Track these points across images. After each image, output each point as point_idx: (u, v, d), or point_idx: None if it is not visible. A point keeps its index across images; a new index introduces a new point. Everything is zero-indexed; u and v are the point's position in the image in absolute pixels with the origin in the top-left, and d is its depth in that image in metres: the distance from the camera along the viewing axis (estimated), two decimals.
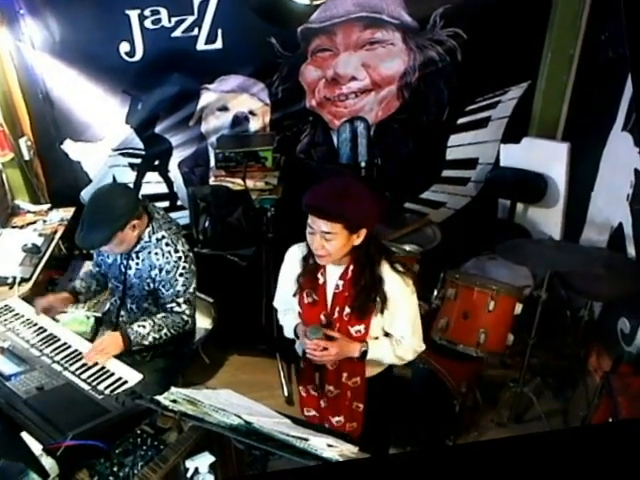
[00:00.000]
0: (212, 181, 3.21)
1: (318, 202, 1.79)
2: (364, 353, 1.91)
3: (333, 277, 1.93)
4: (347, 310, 1.91)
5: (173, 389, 1.54)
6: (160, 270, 2.30)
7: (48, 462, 1.56)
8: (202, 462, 1.47)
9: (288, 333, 2.10)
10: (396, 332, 1.96)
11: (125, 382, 2.04)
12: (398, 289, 1.90)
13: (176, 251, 2.31)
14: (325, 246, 1.80)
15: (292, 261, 2.03)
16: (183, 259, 2.32)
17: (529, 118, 3.28)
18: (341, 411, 2.05)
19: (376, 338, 1.96)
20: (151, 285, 2.34)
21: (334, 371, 2.00)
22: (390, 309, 1.90)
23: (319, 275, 1.95)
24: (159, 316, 2.34)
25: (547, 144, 3.21)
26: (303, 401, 2.15)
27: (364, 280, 1.87)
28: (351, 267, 1.90)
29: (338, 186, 1.79)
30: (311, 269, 1.95)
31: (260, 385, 3.05)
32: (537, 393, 2.83)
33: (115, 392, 1.96)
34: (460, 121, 3.33)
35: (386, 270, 1.89)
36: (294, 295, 2.00)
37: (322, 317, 1.95)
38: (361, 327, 1.91)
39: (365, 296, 1.88)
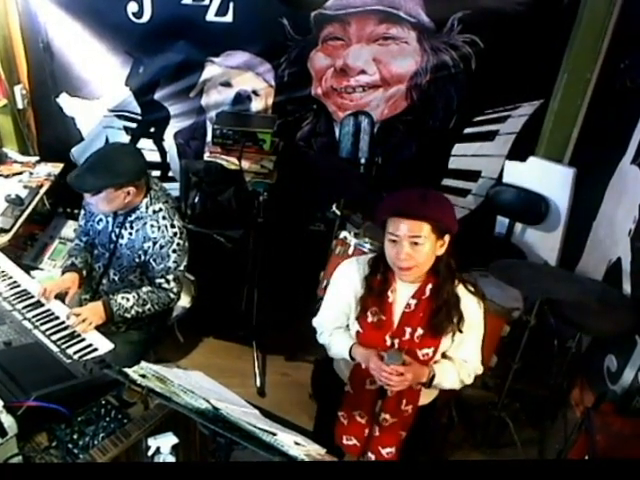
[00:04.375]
0: (207, 156, 3.17)
1: (404, 205, 1.72)
2: (432, 378, 1.82)
3: (404, 296, 1.83)
4: (420, 331, 1.81)
5: (143, 364, 1.51)
6: (154, 243, 2.27)
7: (8, 420, 1.54)
8: (165, 442, 1.45)
9: (339, 354, 1.94)
10: (462, 355, 1.88)
11: (95, 350, 2.02)
12: (473, 310, 1.83)
13: (172, 226, 2.28)
14: (413, 255, 1.71)
15: (349, 279, 1.89)
16: (178, 235, 2.29)
17: (538, 138, 3.23)
18: (393, 442, 1.96)
19: (435, 362, 1.86)
20: (142, 257, 2.31)
21: (394, 398, 1.89)
22: (463, 331, 1.82)
23: (389, 293, 1.83)
24: (144, 290, 2.31)
25: (553, 167, 3.16)
26: (343, 429, 1.99)
27: (446, 295, 1.78)
28: (429, 285, 1.81)
29: (418, 191, 1.74)
30: (380, 287, 1.83)
31: (233, 371, 3.02)
32: (514, 419, 2.76)
33: (84, 358, 1.94)
34: (467, 131, 3.29)
35: (461, 289, 1.82)
36: (357, 318, 1.87)
37: (387, 339, 1.84)
38: (430, 350, 1.82)
39: (445, 314, 1.78)
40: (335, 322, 1.97)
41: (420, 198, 1.71)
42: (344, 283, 1.92)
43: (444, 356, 1.90)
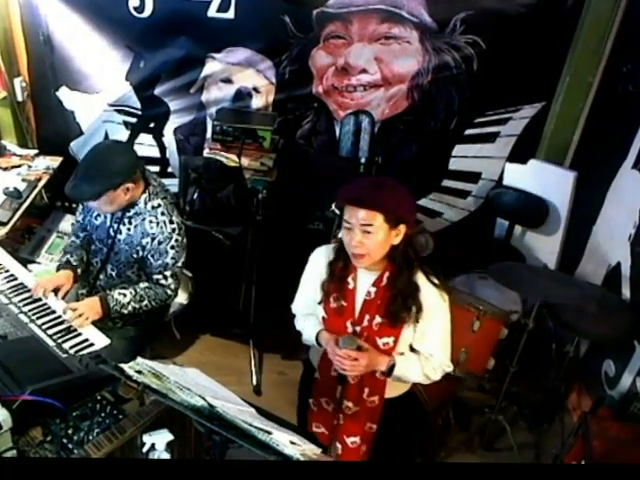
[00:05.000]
0: (206, 153, 3.16)
1: (357, 192, 1.74)
2: (391, 368, 1.82)
3: (365, 283, 1.85)
4: (378, 319, 1.82)
5: (139, 359, 1.51)
6: (152, 239, 2.26)
7: (2, 413, 1.53)
8: (160, 439, 1.45)
9: (308, 339, 1.98)
10: (425, 348, 1.87)
11: (91, 344, 2.02)
12: (434, 301, 1.82)
13: (171, 222, 2.27)
14: (365, 243, 1.72)
15: (318, 264, 1.93)
16: (177, 231, 2.28)
17: (539, 140, 3.22)
18: (357, 431, 1.95)
19: (401, 354, 1.87)
20: (140, 253, 2.30)
21: (355, 386, 1.90)
22: (423, 322, 1.82)
23: (349, 280, 1.85)
24: (142, 286, 2.30)
25: (554, 170, 3.15)
26: (312, 416, 2.01)
27: (401, 284, 1.79)
28: (386, 274, 1.82)
29: (375, 179, 1.78)
30: (341, 273, 1.86)
31: (229, 369, 3.03)
32: (511, 423, 2.77)
33: (80, 353, 1.94)
34: (468, 132, 3.27)
35: (422, 279, 1.82)
36: (320, 302, 1.91)
37: (349, 325, 1.86)
38: (390, 339, 1.83)
39: (401, 303, 1.79)
40: (306, 308, 2.00)
41: (375, 187, 1.73)
42: (312, 268, 1.96)
43: (412, 350, 1.90)
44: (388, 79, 3.18)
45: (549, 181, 3.16)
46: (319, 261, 1.93)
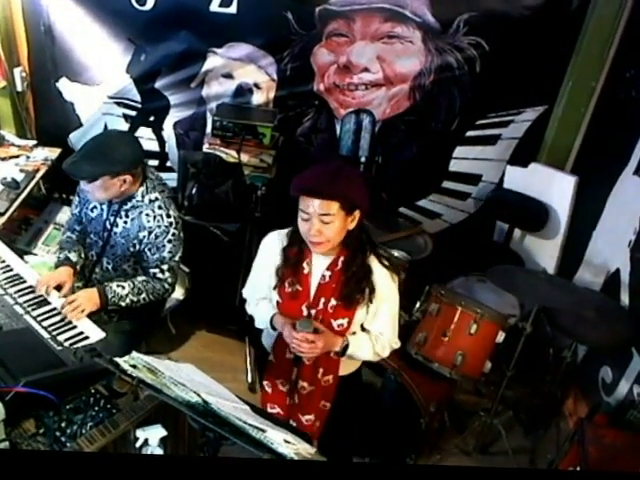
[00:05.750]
0: (205, 148, 3.14)
1: (313, 183, 1.76)
2: (345, 348, 1.87)
3: (319, 267, 1.89)
4: (333, 302, 1.87)
5: (134, 354, 1.50)
6: (149, 233, 2.25)
7: None
8: (153, 434, 1.45)
9: (261, 323, 2.02)
10: (376, 327, 1.94)
11: (86, 338, 2.01)
12: (385, 282, 1.88)
13: (168, 216, 2.27)
14: (323, 231, 1.75)
15: (270, 250, 1.96)
16: (174, 225, 2.28)
17: (540, 144, 3.22)
18: (312, 409, 2.00)
19: (353, 333, 1.93)
20: (137, 247, 2.29)
21: (310, 366, 1.95)
22: (375, 303, 1.88)
23: (304, 265, 1.89)
24: (139, 279, 2.29)
25: (555, 174, 3.14)
26: (267, 397, 2.06)
27: (355, 267, 1.84)
28: (341, 258, 1.86)
29: (329, 167, 1.79)
30: (295, 258, 1.89)
31: (224, 366, 3.02)
32: (507, 427, 2.77)
33: (74, 346, 1.93)
34: (469, 134, 3.27)
35: (374, 262, 1.87)
36: (275, 287, 1.93)
37: (304, 309, 1.90)
38: (344, 321, 1.88)
39: (354, 285, 1.84)
40: (259, 292, 2.03)
41: (329, 176, 1.75)
42: (266, 254, 1.97)
43: (363, 330, 1.95)
44: (390, 78, 3.18)
45: (550, 185, 3.15)
46: (272, 247, 1.95)
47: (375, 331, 1.94)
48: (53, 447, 1.55)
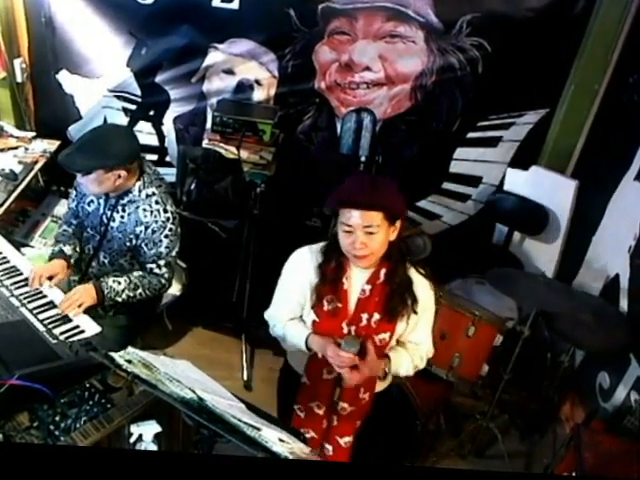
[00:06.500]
0: (205, 143, 3.13)
1: (356, 195, 1.72)
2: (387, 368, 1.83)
3: (358, 282, 1.83)
4: (376, 316, 1.82)
5: (130, 349, 1.50)
6: (146, 228, 2.24)
7: None
8: (147, 430, 1.45)
9: (295, 345, 1.90)
10: (416, 338, 1.90)
11: (82, 332, 2.01)
12: (425, 292, 1.85)
13: (165, 211, 2.26)
14: (368, 244, 1.71)
15: (303, 268, 1.87)
16: (171, 220, 2.27)
17: (541, 147, 3.20)
18: (350, 430, 1.94)
19: (390, 347, 1.88)
20: (133, 242, 2.28)
21: (353, 386, 1.87)
22: (417, 313, 1.84)
23: (344, 280, 1.82)
24: (136, 274, 2.28)
25: (555, 177, 3.12)
26: (300, 422, 1.95)
27: (398, 279, 1.80)
28: (383, 270, 1.81)
29: (367, 178, 1.77)
30: (334, 275, 1.82)
31: (220, 363, 3.01)
32: (503, 430, 2.76)
33: (70, 340, 1.92)
34: (470, 135, 3.26)
35: (412, 272, 1.84)
36: (313, 307, 1.86)
37: (344, 326, 1.83)
38: (386, 335, 1.84)
39: (399, 297, 1.80)
40: (290, 314, 1.94)
41: (370, 186, 1.72)
42: (296, 272, 1.90)
43: (397, 341, 1.92)
44: (392, 78, 3.17)
45: (550, 189, 3.14)
46: (304, 264, 1.87)
47: (412, 342, 1.90)
48: (47, 441, 1.55)
